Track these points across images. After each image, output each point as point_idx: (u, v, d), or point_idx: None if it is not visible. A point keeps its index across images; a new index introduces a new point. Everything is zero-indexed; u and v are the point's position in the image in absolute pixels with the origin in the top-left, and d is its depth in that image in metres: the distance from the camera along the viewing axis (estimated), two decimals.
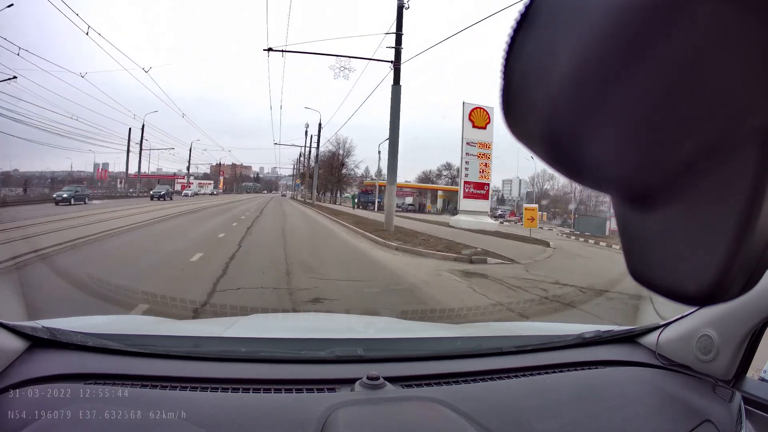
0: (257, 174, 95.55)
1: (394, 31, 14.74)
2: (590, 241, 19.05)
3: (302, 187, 64.40)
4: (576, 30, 0.28)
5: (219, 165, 70.63)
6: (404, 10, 14.49)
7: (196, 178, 65.74)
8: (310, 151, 44.51)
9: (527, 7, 0.30)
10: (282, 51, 16.77)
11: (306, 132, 48.69)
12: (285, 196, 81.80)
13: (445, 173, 57.29)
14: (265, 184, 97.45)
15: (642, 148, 0.30)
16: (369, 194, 46.13)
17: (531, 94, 0.31)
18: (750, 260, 0.31)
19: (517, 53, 0.31)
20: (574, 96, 0.29)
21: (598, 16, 0.26)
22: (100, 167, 53.68)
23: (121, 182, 53.74)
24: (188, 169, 53.18)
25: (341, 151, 55.46)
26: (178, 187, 54.13)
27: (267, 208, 29.81)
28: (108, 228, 11.52)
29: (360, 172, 57.09)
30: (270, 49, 16.56)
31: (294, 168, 71.10)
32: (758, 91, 0.27)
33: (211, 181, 72.36)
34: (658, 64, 0.26)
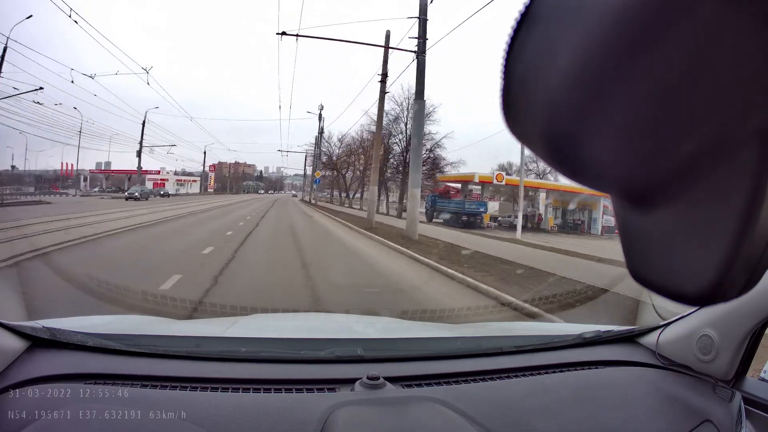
0: (260, 172, 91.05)
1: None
2: None
3: (313, 185, 43.60)
4: (576, 30, 0.28)
5: (204, 155, 56.37)
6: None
7: (176, 173, 54.28)
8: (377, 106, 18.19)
9: (527, 8, 0.30)
10: None
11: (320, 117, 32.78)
12: (296, 197, 64.79)
13: (532, 167, 32.79)
14: (270, 183, 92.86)
15: (642, 148, 0.30)
16: (449, 199, 27.39)
17: (531, 95, 0.31)
18: (750, 260, 0.31)
19: (517, 53, 0.31)
20: (573, 96, 0.29)
21: (597, 17, 0.26)
22: (71, 165, 44.61)
23: (85, 180, 46.69)
24: (139, 154, 35.37)
25: (407, 114, 27.59)
26: (150, 185, 44.31)
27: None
28: None
29: (447, 156, 31.51)
30: None
31: (309, 154, 45.85)
32: (758, 91, 0.27)
33: (197, 179, 58.27)
34: (657, 65, 0.26)
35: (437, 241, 12.15)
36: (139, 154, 35.92)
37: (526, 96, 0.32)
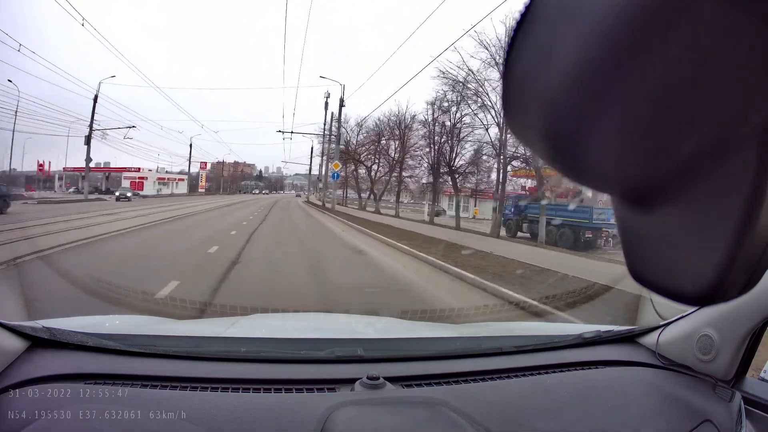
0: (260, 171, 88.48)
1: None
2: None
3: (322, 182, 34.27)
4: (576, 30, 0.28)
5: (190, 147, 45.42)
6: None
7: (164, 171, 46.89)
8: None
9: (527, 7, 0.30)
10: None
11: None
12: (299, 197, 59.40)
13: None
14: (270, 183, 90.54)
15: (642, 148, 0.30)
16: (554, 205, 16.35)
17: (531, 95, 0.31)
18: (750, 260, 0.31)
19: (518, 53, 0.31)
20: (574, 96, 0.29)
21: (598, 17, 0.26)
22: (44, 162, 39.81)
23: (60, 179, 41.56)
24: (88, 141, 24.00)
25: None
26: (127, 185, 39.25)
27: None
28: None
29: None
30: None
31: (318, 141, 35.01)
32: (758, 91, 0.27)
33: (184, 177, 49.27)
34: (658, 65, 0.26)
35: None
36: (88, 140, 24.11)
37: (526, 96, 0.32)
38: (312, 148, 43.15)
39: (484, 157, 19.99)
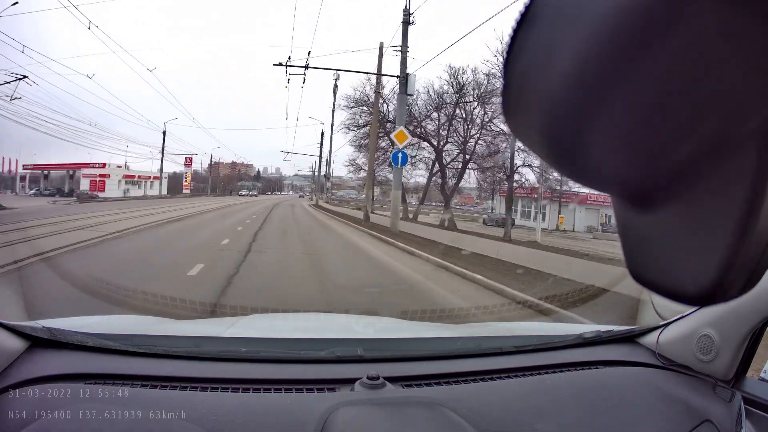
0: (258, 171, 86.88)
1: None
2: None
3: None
4: (576, 30, 0.28)
5: (164, 135, 37.51)
6: None
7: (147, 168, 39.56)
8: None
9: (527, 8, 0.30)
10: None
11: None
12: (303, 197, 55.07)
13: None
14: (268, 183, 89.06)
15: (642, 148, 0.31)
16: None
17: (531, 95, 0.31)
18: (750, 260, 0.31)
19: (518, 53, 0.31)
20: (574, 96, 0.29)
21: (598, 17, 0.26)
22: (12, 160, 34.27)
23: (22, 179, 35.91)
24: None
25: None
26: (86, 185, 32.86)
27: None
28: None
29: None
30: None
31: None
32: (758, 91, 0.27)
33: (156, 175, 40.72)
34: (658, 64, 0.26)
35: None
36: None
37: (526, 96, 0.32)
38: (322, 134, 32.62)
39: None
